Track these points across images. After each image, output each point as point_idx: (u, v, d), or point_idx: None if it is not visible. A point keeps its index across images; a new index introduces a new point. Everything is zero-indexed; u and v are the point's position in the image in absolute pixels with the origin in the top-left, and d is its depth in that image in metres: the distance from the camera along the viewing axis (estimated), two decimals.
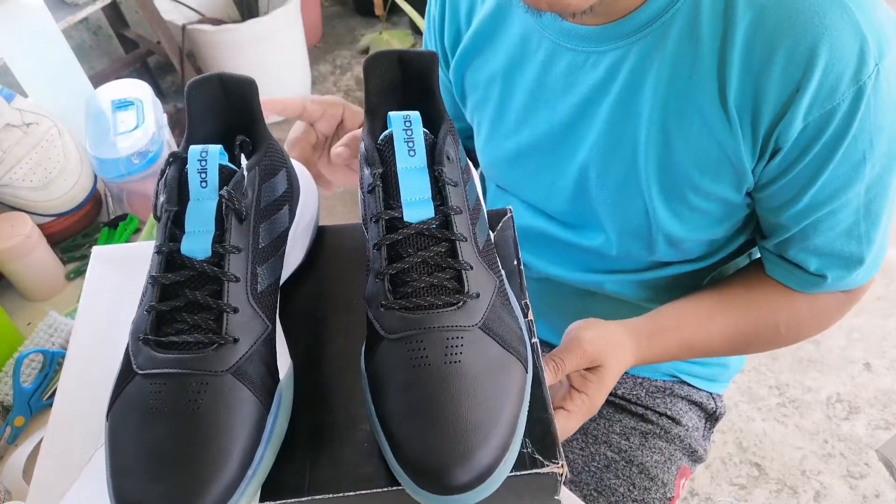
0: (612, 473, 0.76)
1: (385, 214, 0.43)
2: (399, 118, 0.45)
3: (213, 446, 0.38)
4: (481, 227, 0.47)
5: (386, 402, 0.40)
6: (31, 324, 0.79)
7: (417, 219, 0.43)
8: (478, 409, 0.38)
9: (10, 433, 0.68)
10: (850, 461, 1.44)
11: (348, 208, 2.06)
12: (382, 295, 0.42)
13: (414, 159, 0.44)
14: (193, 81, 0.48)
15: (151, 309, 0.42)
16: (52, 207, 0.84)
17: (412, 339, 0.40)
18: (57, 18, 1.16)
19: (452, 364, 0.39)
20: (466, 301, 0.42)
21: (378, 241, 0.43)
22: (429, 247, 0.43)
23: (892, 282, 1.75)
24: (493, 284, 0.44)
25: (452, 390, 0.38)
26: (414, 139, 0.44)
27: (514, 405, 0.40)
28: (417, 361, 0.40)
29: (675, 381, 0.84)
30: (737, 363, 0.89)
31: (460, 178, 0.46)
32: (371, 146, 0.45)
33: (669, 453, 0.80)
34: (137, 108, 0.87)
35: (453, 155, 0.46)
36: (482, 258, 0.45)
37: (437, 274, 0.42)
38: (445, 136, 0.46)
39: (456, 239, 0.43)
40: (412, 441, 0.38)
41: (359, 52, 2.63)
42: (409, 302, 0.41)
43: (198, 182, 0.43)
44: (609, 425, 0.80)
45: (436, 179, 0.44)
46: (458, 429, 0.37)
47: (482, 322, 0.42)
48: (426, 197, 0.43)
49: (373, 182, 0.44)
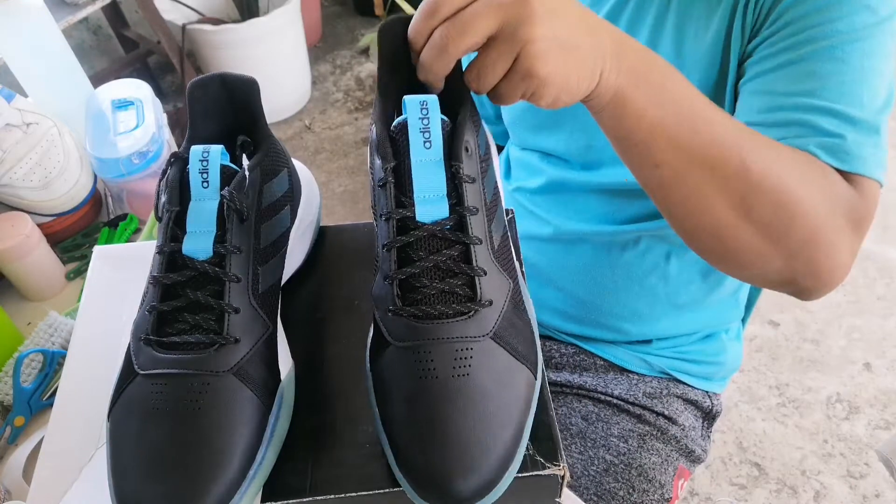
0: (611, 477, 0.76)
1: (396, 213, 0.41)
2: (415, 103, 0.41)
3: (215, 447, 0.38)
4: (497, 224, 0.44)
5: (391, 408, 0.39)
6: (31, 324, 0.79)
7: (431, 218, 0.41)
8: (484, 422, 0.37)
9: (10, 433, 0.68)
10: (850, 461, 1.44)
11: (348, 209, 2.07)
12: (391, 299, 0.41)
13: (430, 152, 0.41)
14: (195, 82, 0.48)
15: (153, 309, 0.42)
16: (52, 207, 0.84)
17: (420, 349, 0.39)
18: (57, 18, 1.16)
19: (460, 378, 0.38)
20: (478, 310, 0.40)
21: (388, 243, 0.41)
22: (441, 250, 0.41)
23: (893, 281, 1.75)
24: (506, 289, 0.42)
25: (459, 405, 0.37)
26: (430, 129, 0.41)
27: (521, 414, 0.39)
28: (424, 373, 0.38)
29: (669, 378, 0.84)
30: (733, 362, 0.89)
31: (478, 172, 0.43)
32: (383, 134, 0.42)
33: (666, 454, 0.80)
34: (137, 108, 0.87)
35: (472, 144, 0.43)
36: (497, 260, 0.43)
37: (449, 280, 0.40)
38: (465, 123, 0.42)
39: (471, 243, 0.41)
40: (416, 452, 0.37)
41: (359, 52, 2.62)
42: (419, 310, 0.40)
43: (199, 182, 0.43)
44: (607, 428, 0.80)
45: (452, 176, 0.41)
46: (463, 443, 0.36)
47: (493, 332, 0.40)
48: (441, 194, 0.41)
49: (384, 177, 0.41)
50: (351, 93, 2.48)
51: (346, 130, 2.34)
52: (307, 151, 2.26)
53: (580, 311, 0.82)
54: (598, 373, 0.84)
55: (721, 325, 0.86)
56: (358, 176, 2.16)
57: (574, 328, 0.84)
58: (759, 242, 0.52)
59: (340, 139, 2.30)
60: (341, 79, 2.54)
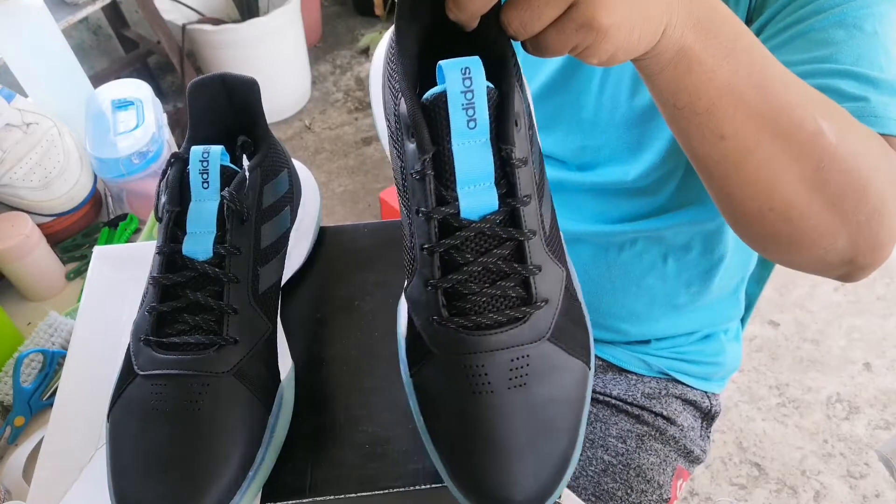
0: (609, 477, 0.76)
1: (438, 212, 0.35)
2: (455, 69, 0.34)
3: (214, 447, 0.38)
4: (547, 204, 0.38)
5: (441, 423, 0.37)
6: (31, 324, 0.79)
7: (479, 213, 0.35)
8: (544, 432, 0.35)
9: (10, 433, 0.68)
10: (850, 461, 1.44)
11: (348, 209, 2.07)
12: (434, 308, 0.36)
13: (474, 132, 0.34)
14: (195, 82, 0.48)
15: (152, 310, 0.42)
16: (52, 207, 0.84)
17: (472, 362, 0.35)
18: (57, 18, 1.16)
19: (517, 388, 0.35)
20: (534, 313, 0.36)
21: (430, 246, 0.36)
22: (491, 250, 0.36)
23: (893, 281, 1.75)
24: (561, 280, 0.38)
25: (517, 419, 0.35)
26: (475, 104, 0.34)
27: (577, 414, 0.37)
28: (478, 388, 0.35)
29: (668, 379, 0.84)
30: (732, 362, 0.88)
31: (529, 151, 0.36)
32: (415, 110, 0.35)
33: (665, 455, 0.80)
34: (137, 108, 0.87)
35: (522, 117, 0.36)
36: (549, 249, 0.37)
37: (500, 283, 0.36)
38: (512, 91, 0.35)
39: (524, 238, 0.36)
40: (472, 468, 0.35)
41: (359, 52, 2.62)
42: (468, 321, 0.35)
43: (199, 183, 0.43)
44: (606, 428, 0.80)
45: (502, 161, 0.35)
46: (523, 457, 0.34)
47: (550, 333, 0.36)
48: (489, 184, 0.35)
49: (422, 169, 0.35)
50: (351, 93, 2.48)
51: (346, 130, 2.34)
52: (307, 151, 2.26)
53: None
54: (597, 373, 0.84)
55: (720, 326, 0.86)
56: (358, 176, 2.17)
57: None
58: (829, 218, 0.46)
59: (340, 139, 2.30)
60: (341, 79, 2.54)
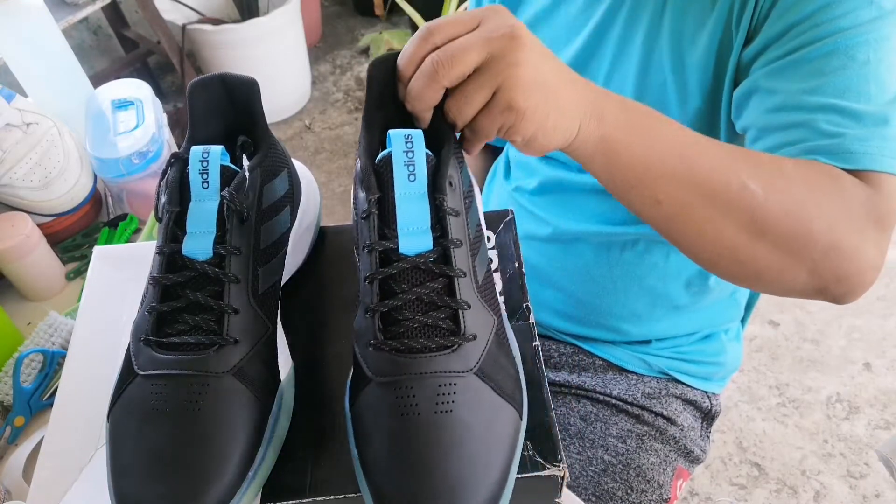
0: (609, 477, 0.76)
1: (379, 245, 0.40)
2: (400, 137, 0.41)
3: (214, 447, 0.38)
4: (481, 260, 0.44)
5: (371, 449, 0.38)
6: (31, 324, 0.79)
7: (414, 251, 0.40)
8: (468, 463, 0.36)
9: (10, 433, 0.68)
10: (850, 461, 1.44)
11: (348, 209, 2.06)
12: (371, 333, 0.40)
13: (414, 185, 0.41)
14: (195, 82, 0.48)
15: (152, 310, 0.42)
16: (52, 207, 0.84)
17: (401, 384, 0.38)
18: (57, 18, 1.16)
19: (443, 414, 0.37)
20: (462, 344, 0.39)
21: (370, 275, 0.40)
22: (424, 282, 0.40)
23: (893, 281, 1.75)
24: (490, 324, 0.42)
25: (443, 443, 0.36)
26: (415, 162, 0.41)
27: (506, 456, 0.38)
28: (406, 410, 0.37)
29: (668, 379, 0.84)
30: (732, 362, 0.89)
31: (462, 206, 0.43)
32: (368, 167, 0.42)
33: (665, 455, 0.80)
34: (137, 108, 0.87)
35: (456, 179, 0.43)
36: (481, 295, 0.42)
37: (432, 313, 0.40)
38: (448, 158, 0.42)
39: (454, 275, 0.40)
40: (398, 496, 0.36)
41: (359, 52, 2.62)
42: (401, 343, 0.39)
43: (199, 183, 0.43)
44: (606, 428, 0.80)
45: (437, 208, 0.41)
46: (447, 485, 0.35)
47: (477, 367, 0.39)
48: (425, 227, 0.41)
49: (368, 208, 0.41)
50: (351, 93, 2.48)
51: (346, 130, 2.34)
52: (307, 151, 2.26)
53: (579, 311, 0.83)
54: (597, 373, 0.84)
55: (720, 326, 0.86)
56: None
57: (573, 328, 0.84)
58: (779, 259, 0.51)
59: (340, 139, 2.30)
60: (341, 79, 2.54)
